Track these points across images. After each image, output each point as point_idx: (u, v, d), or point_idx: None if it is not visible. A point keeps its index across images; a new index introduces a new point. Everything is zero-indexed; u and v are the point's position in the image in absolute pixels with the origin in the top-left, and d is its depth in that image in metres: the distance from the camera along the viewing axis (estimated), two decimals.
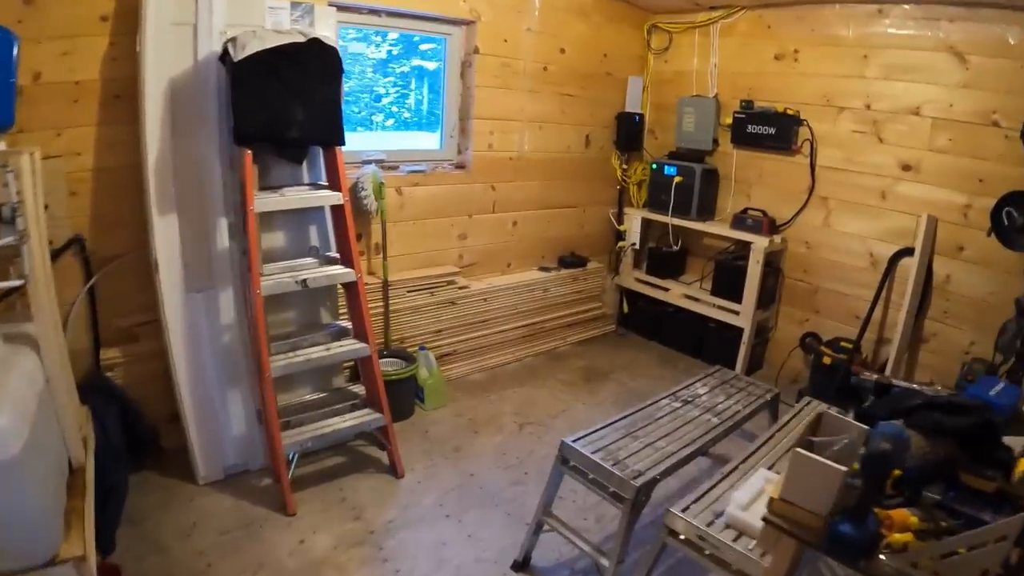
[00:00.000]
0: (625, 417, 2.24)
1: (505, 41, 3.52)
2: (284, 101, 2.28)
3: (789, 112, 3.57)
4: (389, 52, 3.99)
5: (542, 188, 3.95)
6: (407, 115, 3.94)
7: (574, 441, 2.04)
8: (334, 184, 2.52)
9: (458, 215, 3.59)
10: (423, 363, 3.25)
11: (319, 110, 2.37)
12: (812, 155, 3.57)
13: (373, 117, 4.05)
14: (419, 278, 3.35)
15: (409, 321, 3.36)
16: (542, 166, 3.91)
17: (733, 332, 3.79)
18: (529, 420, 3.24)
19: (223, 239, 2.47)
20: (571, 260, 4.14)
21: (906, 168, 3.27)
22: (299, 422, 2.55)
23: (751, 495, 1.66)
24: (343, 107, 2.48)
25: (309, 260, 2.63)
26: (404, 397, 3.16)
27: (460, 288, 3.52)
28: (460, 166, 3.60)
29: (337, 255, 2.66)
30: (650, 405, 2.34)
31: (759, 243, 3.59)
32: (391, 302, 3.22)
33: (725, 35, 3.90)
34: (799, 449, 1.29)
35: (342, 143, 2.48)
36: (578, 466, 2.01)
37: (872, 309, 3.36)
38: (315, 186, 2.61)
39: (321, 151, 2.56)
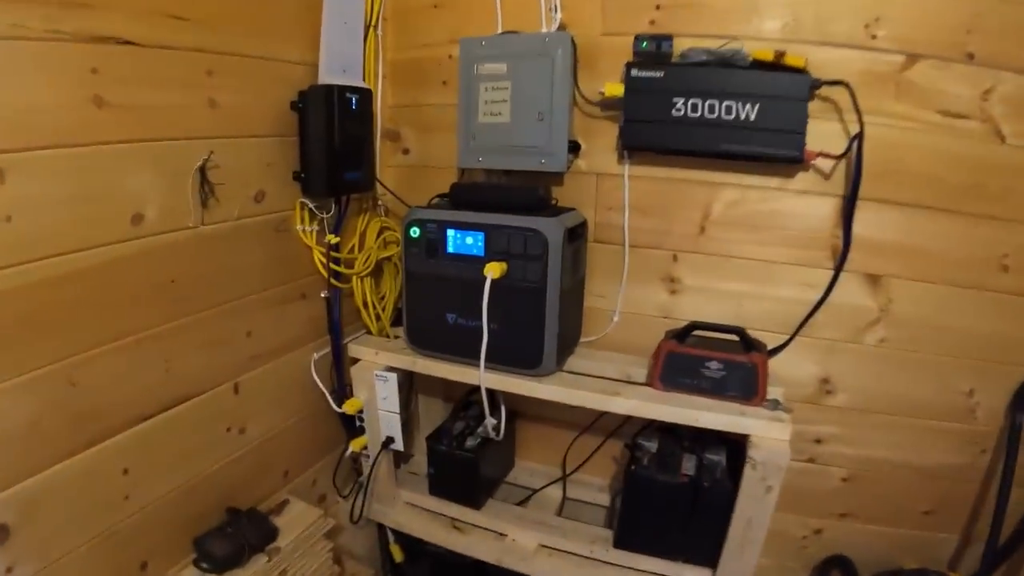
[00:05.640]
0: None
1: None
2: None
3: (787, 62, 1.27)
4: None
5: (73, 370, 1.04)
6: None
7: None
8: None
9: None
10: None
11: None
12: (856, 165, 1.34)
13: None
14: None
15: None
16: (57, 302, 1.00)
17: None
18: None
19: None
20: (228, 545, 1.29)
21: None
22: None
23: None
24: None
25: None
26: None
27: None
28: None
29: None
30: None
31: (764, 433, 1.28)
32: None
33: None
34: None
35: None
36: None
37: (1004, 502, 1.39)
38: None
39: None
